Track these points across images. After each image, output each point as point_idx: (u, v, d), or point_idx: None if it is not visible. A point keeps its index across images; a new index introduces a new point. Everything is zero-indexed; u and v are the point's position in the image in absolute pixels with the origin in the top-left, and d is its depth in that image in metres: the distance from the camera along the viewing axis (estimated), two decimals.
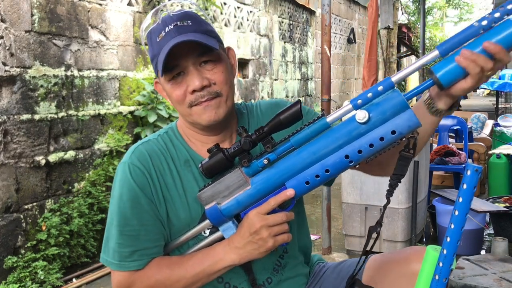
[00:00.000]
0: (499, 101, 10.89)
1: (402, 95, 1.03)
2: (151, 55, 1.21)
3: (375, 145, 1.04)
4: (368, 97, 1.04)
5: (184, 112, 1.22)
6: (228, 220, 1.17)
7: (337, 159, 1.07)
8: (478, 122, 6.89)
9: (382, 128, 1.03)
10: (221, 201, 1.16)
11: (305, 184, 1.11)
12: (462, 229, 0.99)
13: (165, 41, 1.15)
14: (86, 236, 3.39)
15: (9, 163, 2.98)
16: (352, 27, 10.48)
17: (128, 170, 1.21)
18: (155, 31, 1.19)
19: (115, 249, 1.20)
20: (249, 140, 1.12)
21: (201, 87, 1.17)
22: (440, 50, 1.00)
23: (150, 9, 4.24)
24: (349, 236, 3.40)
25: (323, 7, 3.26)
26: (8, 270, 2.93)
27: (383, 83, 1.04)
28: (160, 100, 4.00)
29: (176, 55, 1.15)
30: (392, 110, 1.03)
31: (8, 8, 2.97)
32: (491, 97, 17.04)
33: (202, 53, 1.18)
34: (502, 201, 3.81)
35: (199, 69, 1.18)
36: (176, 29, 1.16)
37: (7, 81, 2.97)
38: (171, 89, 1.20)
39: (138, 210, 1.19)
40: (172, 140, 1.28)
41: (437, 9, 23.28)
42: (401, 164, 1.09)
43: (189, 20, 1.19)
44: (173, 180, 1.23)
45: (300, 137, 1.09)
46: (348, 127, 1.06)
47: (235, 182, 1.15)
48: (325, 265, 1.45)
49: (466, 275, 2.43)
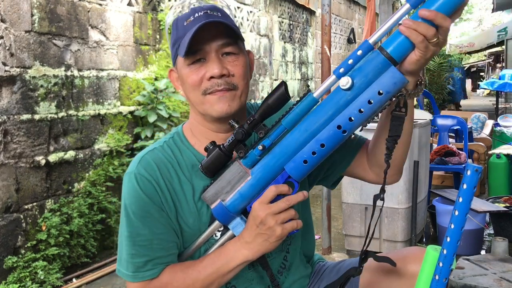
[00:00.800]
0: (499, 101, 10.89)
1: (382, 55, 1.01)
2: (174, 39, 1.21)
3: (364, 110, 1.02)
4: (349, 64, 1.03)
5: (196, 100, 1.20)
6: (235, 217, 1.15)
7: (330, 131, 1.05)
8: (478, 122, 6.89)
9: (368, 91, 1.02)
10: (225, 197, 1.14)
11: (304, 164, 1.08)
12: (462, 229, 0.99)
13: (192, 24, 1.15)
14: (86, 236, 3.39)
15: (9, 163, 2.98)
16: (352, 27, 10.47)
17: (135, 180, 1.19)
18: (182, 17, 1.20)
19: (128, 260, 1.19)
20: (241, 130, 1.11)
21: (220, 75, 1.16)
22: (411, 3, 0.98)
23: (150, 9, 4.24)
24: (349, 236, 3.40)
25: (323, 7, 3.26)
26: (8, 270, 2.93)
27: (362, 46, 1.02)
28: (160, 100, 4.00)
29: (201, 40, 1.15)
30: (374, 71, 1.01)
31: (8, 8, 2.97)
32: (491, 97, 17.03)
33: (227, 44, 1.18)
34: (502, 201, 3.81)
35: (220, 58, 1.18)
36: (206, 15, 1.17)
37: (7, 81, 2.97)
38: (189, 73, 1.19)
39: (149, 220, 1.18)
40: (178, 145, 1.26)
41: None
42: (395, 124, 1.07)
43: (219, 12, 1.20)
44: (181, 186, 1.21)
45: (290, 118, 1.08)
46: (335, 97, 1.05)
47: (236, 175, 1.13)
48: (325, 264, 1.45)
49: (466, 275, 2.43)
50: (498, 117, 7.81)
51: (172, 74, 1.29)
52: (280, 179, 1.12)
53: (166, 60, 4.43)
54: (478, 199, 3.71)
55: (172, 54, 1.24)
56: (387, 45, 1.01)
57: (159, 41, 4.36)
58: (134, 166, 1.22)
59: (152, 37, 4.28)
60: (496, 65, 23.94)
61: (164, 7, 4.42)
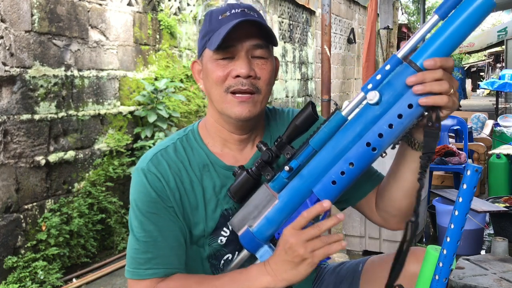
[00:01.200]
0: (499, 101, 10.88)
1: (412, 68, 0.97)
2: (205, 31, 1.19)
3: (394, 125, 0.97)
4: (377, 79, 0.99)
5: (217, 97, 1.18)
6: (263, 244, 1.09)
7: (359, 149, 1.00)
8: (478, 122, 6.88)
9: (398, 105, 0.97)
10: (253, 223, 1.09)
11: (332, 184, 1.03)
12: (462, 229, 0.99)
13: (228, 20, 1.14)
14: (86, 236, 3.39)
15: (9, 163, 2.98)
16: (352, 27, 10.48)
17: (144, 176, 1.18)
18: (217, 11, 1.18)
19: (132, 255, 1.17)
20: (269, 152, 1.07)
21: (247, 75, 1.14)
22: (439, 14, 0.96)
23: (150, 9, 4.24)
24: (349, 236, 3.40)
25: (323, 7, 3.26)
26: (8, 270, 2.93)
27: (390, 61, 0.99)
28: (160, 100, 4.00)
29: (234, 38, 1.13)
30: (403, 85, 0.97)
31: (8, 8, 2.97)
32: (491, 97, 17.03)
33: (259, 46, 1.16)
34: (502, 201, 3.81)
35: (249, 59, 1.16)
36: (242, 13, 1.16)
37: (7, 81, 2.97)
38: (215, 67, 1.16)
39: (155, 216, 1.16)
40: (191, 143, 1.25)
41: None
42: (428, 140, 0.99)
43: (255, 13, 1.19)
44: (192, 186, 1.20)
45: (318, 138, 1.04)
46: (363, 113, 1.01)
47: (263, 199, 1.08)
48: (326, 266, 1.45)
49: (466, 275, 2.43)
50: (498, 117, 7.81)
51: (195, 66, 1.27)
52: (308, 203, 1.06)
53: (166, 60, 4.43)
54: (478, 199, 3.71)
55: (199, 45, 1.22)
56: (416, 57, 0.98)
57: (159, 41, 4.36)
58: (144, 163, 1.20)
59: (152, 37, 4.28)
60: (496, 65, 23.94)
61: (164, 7, 4.42)
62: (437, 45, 0.96)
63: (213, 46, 1.12)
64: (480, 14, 0.93)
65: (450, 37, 0.95)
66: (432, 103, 0.95)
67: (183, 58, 4.70)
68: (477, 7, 0.92)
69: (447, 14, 0.96)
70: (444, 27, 0.95)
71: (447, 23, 0.95)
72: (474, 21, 0.93)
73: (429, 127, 0.98)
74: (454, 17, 0.94)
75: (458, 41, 0.96)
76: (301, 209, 1.06)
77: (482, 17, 0.94)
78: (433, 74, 0.94)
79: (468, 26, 0.94)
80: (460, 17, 0.93)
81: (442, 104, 0.96)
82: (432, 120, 0.97)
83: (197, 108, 4.78)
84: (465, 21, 0.93)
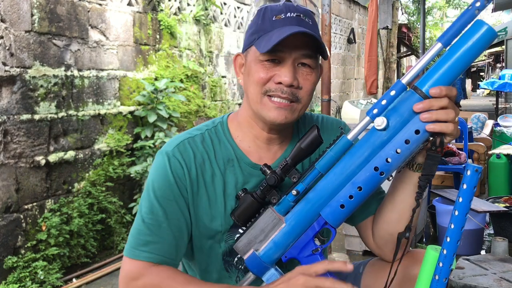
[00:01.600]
0: (499, 101, 10.89)
1: (417, 94, 1.00)
2: (256, 28, 1.17)
3: (402, 150, 1.00)
4: (383, 105, 1.01)
5: (254, 97, 1.17)
6: (270, 268, 1.09)
7: (366, 173, 1.03)
8: (478, 122, 6.89)
9: (405, 131, 1.00)
10: (259, 247, 1.09)
11: (341, 208, 1.05)
12: (462, 229, 0.99)
13: (282, 23, 1.13)
14: (86, 236, 3.39)
15: (9, 163, 2.98)
16: (352, 27, 10.48)
17: (167, 160, 1.18)
18: (273, 9, 1.17)
19: (134, 234, 1.17)
20: (274, 176, 1.07)
21: (290, 84, 1.13)
22: (443, 42, 0.99)
23: (150, 9, 4.24)
24: (349, 236, 3.40)
25: (323, 7, 3.26)
26: (8, 270, 2.93)
27: (395, 87, 1.02)
28: (160, 100, 4.00)
29: (285, 44, 1.11)
30: (410, 111, 1.00)
31: (8, 8, 2.97)
32: (491, 97, 17.03)
33: (307, 55, 1.16)
34: (502, 201, 3.81)
35: (295, 67, 1.15)
36: (298, 20, 1.14)
37: (7, 81, 2.97)
38: (259, 68, 1.15)
39: (167, 202, 1.16)
40: (219, 136, 1.25)
41: (437, 9, 23.29)
42: (429, 163, 1.04)
43: (310, 20, 1.17)
44: (212, 179, 1.20)
45: (325, 162, 1.05)
46: (370, 138, 1.03)
47: (269, 223, 1.09)
48: None
49: (466, 275, 2.43)
50: (498, 117, 7.82)
51: (238, 59, 1.25)
52: (316, 226, 1.07)
53: (166, 60, 4.43)
54: (478, 199, 3.71)
55: (246, 40, 1.21)
56: (421, 84, 1.00)
57: (159, 41, 4.36)
58: (171, 147, 1.20)
59: (152, 37, 4.28)
60: (496, 65, 23.94)
61: (164, 7, 4.42)
62: (441, 73, 0.99)
63: (262, 49, 1.12)
64: (482, 44, 0.96)
65: (454, 65, 0.98)
66: (439, 130, 0.99)
67: (183, 58, 4.70)
68: (480, 37, 0.96)
69: (450, 42, 0.99)
70: (447, 55, 0.99)
71: (451, 51, 0.98)
72: (476, 50, 0.97)
73: (432, 151, 1.02)
74: (457, 46, 0.98)
75: (461, 69, 0.99)
76: (309, 232, 1.07)
77: (484, 46, 0.97)
78: (439, 103, 0.98)
79: (471, 55, 0.97)
80: (463, 47, 0.97)
81: (448, 131, 0.99)
82: (436, 145, 1.02)
83: (197, 108, 4.78)
84: (468, 51, 0.97)
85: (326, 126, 1.34)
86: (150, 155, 3.88)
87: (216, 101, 5.26)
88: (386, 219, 1.19)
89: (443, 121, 0.98)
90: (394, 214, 1.17)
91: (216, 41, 5.30)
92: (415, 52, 15.68)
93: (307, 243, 1.08)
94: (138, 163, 3.87)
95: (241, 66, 1.24)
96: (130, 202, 3.90)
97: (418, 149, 1.03)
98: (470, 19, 0.97)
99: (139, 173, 3.76)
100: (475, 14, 0.97)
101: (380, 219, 1.22)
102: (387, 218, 1.19)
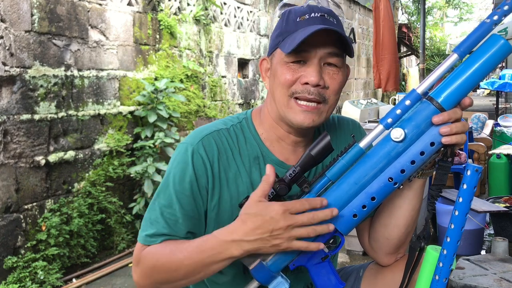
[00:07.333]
0: (499, 101, 10.89)
1: (433, 105, 1.01)
2: (281, 30, 1.16)
3: (416, 161, 1.01)
4: (397, 114, 1.01)
5: (280, 99, 1.16)
6: (277, 276, 1.07)
7: (381, 184, 1.03)
8: (478, 122, 6.89)
9: (420, 142, 1.01)
10: (266, 257, 1.06)
11: (353, 218, 1.05)
12: (462, 229, 0.99)
13: (306, 23, 1.12)
14: (86, 236, 3.39)
15: (9, 163, 2.98)
16: (352, 27, 10.47)
17: (190, 154, 1.15)
18: (296, 11, 1.16)
19: (151, 223, 1.15)
20: (284, 185, 1.04)
21: (316, 84, 1.11)
22: (459, 53, 0.99)
23: (150, 9, 4.24)
24: (349, 236, 3.40)
25: None
26: (8, 270, 2.93)
27: (409, 96, 1.02)
28: (160, 100, 4.00)
29: (310, 43, 1.10)
30: (426, 122, 1.00)
31: (8, 8, 2.97)
32: (491, 97, 17.04)
33: (334, 54, 1.14)
34: (502, 201, 3.81)
35: (321, 67, 1.14)
36: (322, 19, 1.13)
37: (7, 81, 2.97)
38: (284, 70, 1.14)
39: (185, 197, 1.14)
40: (245, 132, 1.22)
41: (437, 9, 23.26)
42: (440, 173, 1.05)
43: (335, 19, 1.16)
44: (235, 177, 1.17)
45: (336, 170, 1.04)
46: (385, 148, 1.03)
47: None
48: None
49: (466, 275, 2.43)
50: (498, 117, 7.82)
51: (264, 63, 1.24)
52: (326, 234, 1.05)
53: (166, 60, 4.43)
54: (478, 199, 3.71)
55: (272, 43, 1.19)
56: (437, 95, 1.01)
57: (159, 41, 4.36)
58: (195, 141, 1.17)
59: (152, 37, 4.27)
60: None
61: (164, 7, 4.42)
62: (457, 85, 1.00)
63: (287, 50, 1.10)
64: (498, 58, 0.98)
65: (469, 78, 0.99)
66: (455, 142, 1.00)
67: (183, 58, 4.69)
68: (496, 51, 0.97)
69: (465, 53, 1.00)
70: (464, 68, 1.00)
71: (467, 64, 0.99)
72: (492, 64, 0.98)
73: (443, 161, 1.03)
74: (473, 59, 0.99)
75: (476, 82, 1.00)
76: (320, 239, 1.05)
77: (499, 61, 0.99)
78: (456, 115, 1.00)
79: (486, 69, 0.98)
80: (480, 60, 0.98)
81: (462, 142, 1.01)
82: (447, 155, 1.03)
83: (197, 108, 4.78)
84: (484, 64, 0.98)
85: (342, 126, 1.33)
86: (150, 155, 3.88)
87: (216, 101, 5.26)
88: (384, 223, 1.19)
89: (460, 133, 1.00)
90: (392, 219, 1.18)
91: (216, 41, 5.30)
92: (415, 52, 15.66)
93: (316, 251, 1.06)
94: (138, 163, 3.86)
95: (267, 70, 1.22)
96: (130, 202, 3.90)
97: (430, 160, 1.04)
98: (486, 32, 0.98)
99: (139, 173, 3.76)
100: (491, 28, 0.97)
101: (377, 222, 1.22)
102: (385, 222, 1.19)
